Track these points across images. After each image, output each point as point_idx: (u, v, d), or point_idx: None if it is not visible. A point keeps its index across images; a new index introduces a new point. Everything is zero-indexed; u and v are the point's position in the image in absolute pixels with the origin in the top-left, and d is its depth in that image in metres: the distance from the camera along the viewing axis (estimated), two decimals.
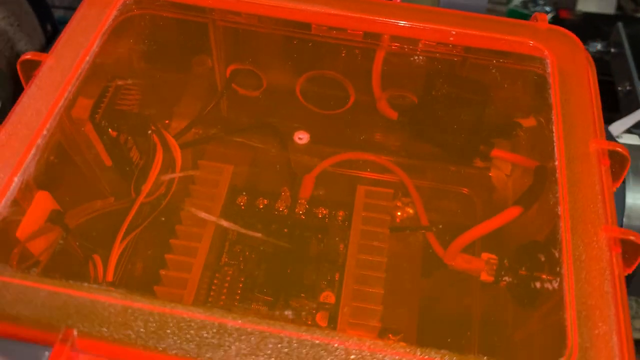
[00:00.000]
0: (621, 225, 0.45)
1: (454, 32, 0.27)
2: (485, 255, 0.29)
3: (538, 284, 0.23)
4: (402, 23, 0.28)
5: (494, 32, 0.28)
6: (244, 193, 0.32)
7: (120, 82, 0.29)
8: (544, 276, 0.23)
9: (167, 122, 0.35)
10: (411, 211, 0.34)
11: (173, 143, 0.30)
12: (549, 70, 0.26)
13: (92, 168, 0.30)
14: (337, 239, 0.31)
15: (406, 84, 0.33)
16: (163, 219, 0.30)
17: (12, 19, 0.44)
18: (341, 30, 0.30)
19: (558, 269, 0.21)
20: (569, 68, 0.26)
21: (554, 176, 0.23)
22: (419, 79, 0.32)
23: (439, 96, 0.32)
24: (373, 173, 0.34)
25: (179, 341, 0.18)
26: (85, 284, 0.19)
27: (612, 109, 0.57)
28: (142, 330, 0.18)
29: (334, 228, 0.31)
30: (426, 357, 0.18)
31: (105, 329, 0.18)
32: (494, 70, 0.30)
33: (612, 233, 0.21)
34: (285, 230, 0.31)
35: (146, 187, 0.29)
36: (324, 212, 0.32)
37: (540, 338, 0.23)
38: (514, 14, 0.84)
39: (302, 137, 0.31)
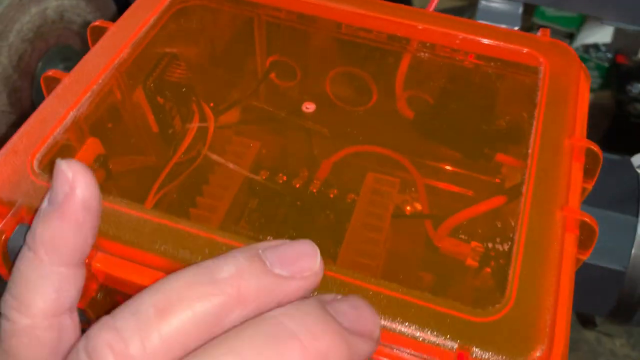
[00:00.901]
0: (629, 256, 0.47)
1: (460, 37, 0.31)
2: (473, 243, 0.32)
3: (493, 247, 0.26)
4: (420, 27, 0.32)
5: (500, 41, 0.31)
6: (267, 169, 0.36)
7: (171, 57, 0.34)
8: (498, 240, 0.26)
9: (211, 104, 0.39)
10: (419, 207, 0.37)
11: (209, 114, 0.34)
12: (541, 75, 0.29)
13: (140, 130, 0.35)
14: (343, 217, 0.35)
15: (423, 86, 0.36)
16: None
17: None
18: (368, 31, 0.33)
19: (511, 235, 0.23)
20: (561, 75, 0.29)
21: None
22: (434, 82, 0.36)
23: (452, 99, 0.35)
24: (385, 166, 0.38)
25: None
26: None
27: None
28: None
29: (342, 207, 0.35)
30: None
31: (124, 233, 0.22)
32: (499, 78, 0.33)
33: (569, 214, 0.24)
34: (299, 203, 0.35)
35: (181, 148, 0.33)
36: (335, 192, 0.35)
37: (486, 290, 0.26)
38: None
39: (309, 107, 0.35)
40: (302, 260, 0.18)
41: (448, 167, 0.37)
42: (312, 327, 0.16)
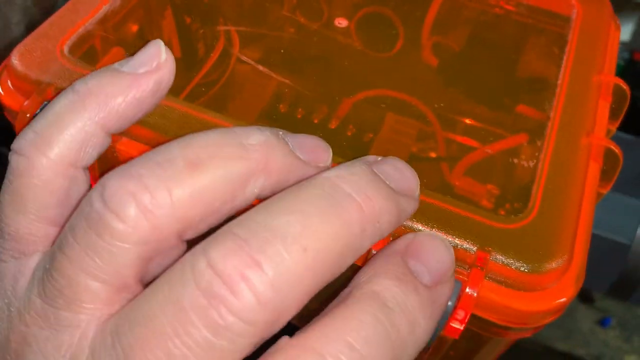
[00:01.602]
0: (635, 233, 0.47)
1: None
2: (489, 186, 0.32)
3: (517, 162, 0.26)
4: None
5: None
6: (286, 102, 0.36)
7: None
8: (523, 156, 0.26)
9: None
10: (434, 155, 0.37)
11: (235, 39, 0.34)
12: (574, 16, 0.29)
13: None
14: (360, 154, 0.34)
15: (450, 33, 0.36)
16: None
17: None
18: None
19: (537, 154, 0.23)
20: (593, 19, 0.29)
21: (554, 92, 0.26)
22: (462, 29, 0.36)
23: (479, 47, 0.35)
24: (405, 112, 0.37)
25: None
26: None
27: None
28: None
29: (360, 145, 0.35)
30: None
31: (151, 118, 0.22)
32: (529, 26, 0.33)
33: (595, 140, 0.24)
34: None
35: (204, 69, 0.33)
36: (353, 131, 0.35)
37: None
38: None
39: (341, 22, 0.35)
40: (318, 151, 0.19)
41: (468, 120, 0.37)
42: (365, 188, 0.16)
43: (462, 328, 0.20)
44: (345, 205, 0.15)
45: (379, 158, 0.19)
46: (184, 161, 0.16)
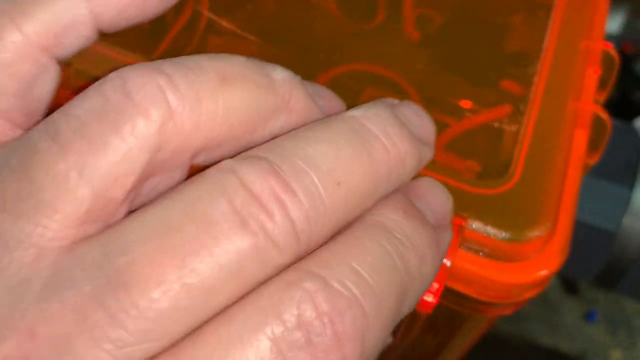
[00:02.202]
0: (621, 221, 0.45)
1: None
2: (471, 162, 0.30)
3: (499, 131, 0.24)
4: None
5: None
6: None
7: None
8: (505, 125, 0.24)
9: None
10: None
11: (205, 2, 0.32)
12: None
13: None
14: None
15: (434, 5, 0.35)
16: None
17: None
18: None
19: (520, 120, 0.22)
20: None
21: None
22: (446, 1, 0.34)
23: (462, 20, 0.33)
24: (385, 88, 0.36)
25: None
26: None
27: None
28: None
29: None
30: None
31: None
32: None
33: (582, 105, 0.22)
34: None
35: (172, 32, 0.31)
36: None
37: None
38: None
39: None
40: (333, 102, 0.18)
41: (451, 97, 0.36)
42: (390, 132, 0.15)
43: (435, 301, 0.18)
44: (374, 144, 0.15)
45: (396, 101, 0.17)
46: (216, 73, 0.14)
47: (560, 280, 0.60)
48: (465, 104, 0.36)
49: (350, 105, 0.33)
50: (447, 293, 0.19)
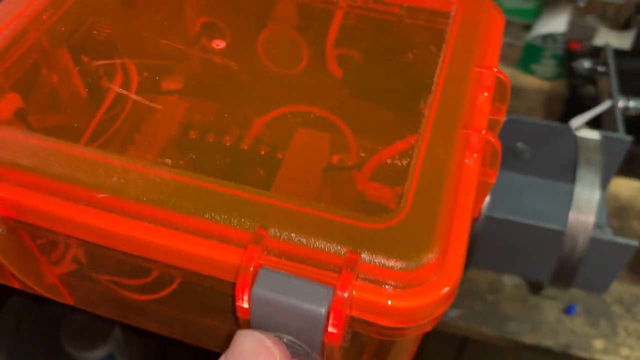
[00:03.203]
0: (566, 223, 0.47)
1: None
2: (398, 188, 0.32)
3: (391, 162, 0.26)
4: None
5: None
6: (196, 128, 0.36)
7: (97, 18, 0.34)
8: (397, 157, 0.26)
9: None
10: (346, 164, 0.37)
11: (133, 72, 0.34)
12: (452, 13, 0.29)
13: (63, 88, 0.35)
14: (272, 172, 0.34)
15: (351, 44, 0.37)
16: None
17: None
18: None
19: (411, 151, 0.23)
20: (473, 12, 0.30)
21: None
22: (362, 39, 0.36)
23: (378, 55, 0.35)
24: (317, 125, 0.38)
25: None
26: None
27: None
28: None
29: (272, 163, 0.35)
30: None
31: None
32: (419, 28, 0.33)
33: (472, 132, 0.24)
34: (228, 160, 0.35)
35: (103, 106, 0.33)
36: (267, 149, 0.35)
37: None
38: (530, 47, 0.87)
39: (219, 44, 0.35)
40: None
41: (377, 127, 0.37)
42: None
43: (337, 332, 0.19)
44: None
45: None
46: None
47: (526, 283, 0.61)
48: (391, 130, 0.37)
49: (284, 148, 0.35)
50: (360, 323, 0.21)
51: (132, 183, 0.22)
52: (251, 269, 0.20)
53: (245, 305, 0.20)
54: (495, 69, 0.27)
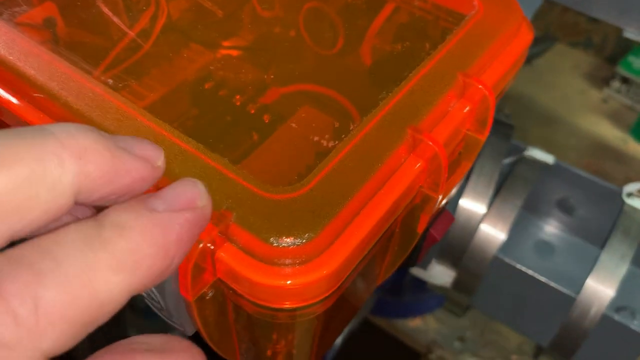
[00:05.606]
0: (583, 284, 0.42)
1: None
2: None
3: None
4: None
5: None
6: (213, 80, 0.36)
7: None
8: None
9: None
10: None
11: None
12: (468, 17, 0.27)
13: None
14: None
15: (385, 36, 0.36)
16: None
17: None
18: None
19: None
20: (493, 21, 0.27)
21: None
22: (399, 33, 0.35)
23: (408, 51, 0.34)
24: (333, 111, 0.37)
25: None
26: None
27: None
28: None
29: (268, 133, 0.34)
30: None
31: None
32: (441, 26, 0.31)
33: (424, 137, 0.22)
34: (229, 118, 0.35)
35: (132, 32, 0.34)
36: (270, 118, 0.35)
37: None
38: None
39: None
40: (148, 151, 0.18)
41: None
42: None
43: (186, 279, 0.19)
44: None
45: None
46: None
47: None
48: None
49: (285, 121, 0.34)
50: (235, 295, 0.20)
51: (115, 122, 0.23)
52: None
53: None
54: (480, 86, 0.25)
